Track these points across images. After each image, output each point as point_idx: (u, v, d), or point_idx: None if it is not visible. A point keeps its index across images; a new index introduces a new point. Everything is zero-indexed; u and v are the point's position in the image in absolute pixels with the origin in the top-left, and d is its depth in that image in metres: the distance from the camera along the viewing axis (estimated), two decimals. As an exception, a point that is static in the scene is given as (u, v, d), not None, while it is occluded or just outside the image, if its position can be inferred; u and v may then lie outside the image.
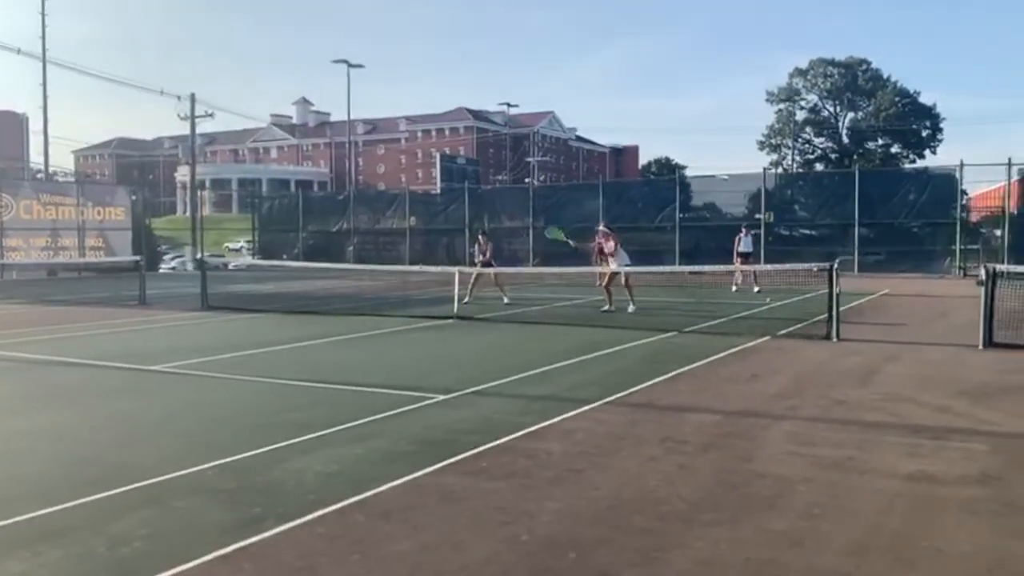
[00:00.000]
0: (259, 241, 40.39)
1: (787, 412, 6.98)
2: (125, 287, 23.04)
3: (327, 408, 7.40)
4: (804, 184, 37.10)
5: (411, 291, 21.63)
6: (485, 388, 8.15)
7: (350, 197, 40.19)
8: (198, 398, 8.10)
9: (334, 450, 5.91)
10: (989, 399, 7.45)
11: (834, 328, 11.34)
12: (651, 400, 7.56)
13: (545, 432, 6.35)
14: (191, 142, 41.91)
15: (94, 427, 6.91)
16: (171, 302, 18.93)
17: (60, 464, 5.71)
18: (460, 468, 5.42)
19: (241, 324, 14.68)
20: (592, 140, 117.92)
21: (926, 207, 27.96)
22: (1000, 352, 10.15)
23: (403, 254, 35.57)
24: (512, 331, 13.50)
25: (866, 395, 7.69)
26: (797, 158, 71.50)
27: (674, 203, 32.23)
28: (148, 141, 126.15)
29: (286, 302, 18.58)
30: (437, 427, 6.58)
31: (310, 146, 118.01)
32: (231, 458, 5.65)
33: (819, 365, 9.44)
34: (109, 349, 11.33)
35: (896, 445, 5.87)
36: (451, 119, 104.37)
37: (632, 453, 5.76)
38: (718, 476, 5.22)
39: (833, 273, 11.48)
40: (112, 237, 33.15)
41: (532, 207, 33.38)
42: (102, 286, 25.24)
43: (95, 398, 8.15)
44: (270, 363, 10.06)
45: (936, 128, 68.11)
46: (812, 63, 71.34)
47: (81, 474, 5.41)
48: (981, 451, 5.71)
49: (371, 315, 15.47)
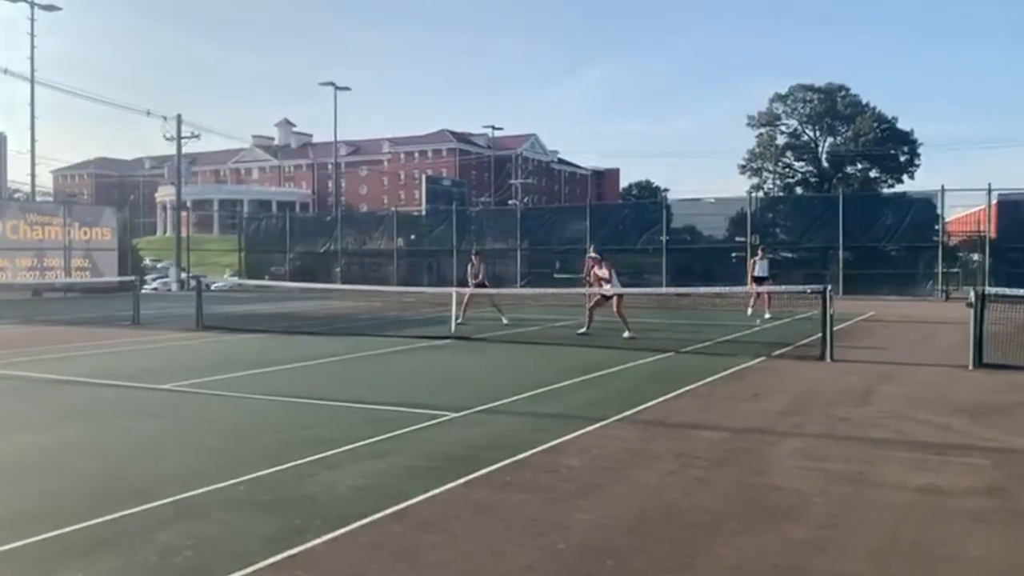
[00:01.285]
0: (245, 262, 40.36)
1: (793, 429, 7.21)
2: (114, 307, 23.08)
3: (342, 425, 7.54)
4: (786, 208, 37.71)
5: (405, 311, 21.78)
6: (495, 406, 8.32)
7: (337, 218, 40.33)
8: (212, 416, 8.21)
9: (359, 465, 6.06)
10: (985, 417, 7.72)
11: (828, 349, 11.62)
12: (661, 418, 7.76)
13: (562, 448, 6.54)
14: (177, 163, 41.93)
15: (115, 443, 7.02)
16: (164, 322, 18.96)
17: (92, 478, 5.83)
18: (486, 482, 5.59)
19: (240, 344, 14.77)
20: (573, 163, 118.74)
21: (907, 231, 28.53)
22: (990, 372, 10.45)
23: (390, 275, 35.70)
24: (510, 351, 13.68)
25: (867, 413, 7.94)
26: (778, 182, 72.35)
27: (657, 225, 32.70)
28: (128, 161, 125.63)
29: (282, 322, 18.68)
30: (455, 443, 6.75)
31: (292, 167, 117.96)
32: (259, 473, 5.78)
33: (817, 384, 9.69)
34: (112, 369, 11.40)
35: (903, 460, 6.11)
36: (434, 141, 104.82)
37: (650, 468, 5.96)
38: (736, 489, 5.42)
39: (827, 295, 11.76)
40: (98, 257, 33.10)
41: (519, 229, 33.67)
42: (90, 306, 25.21)
43: (110, 415, 8.24)
44: (277, 382, 10.19)
45: (914, 153, 69.21)
46: (792, 88, 72.38)
47: (115, 487, 5.53)
48: (984, 465, 5.96)
49: (369, 335, 15.61)
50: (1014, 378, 10.06)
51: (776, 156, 72.16)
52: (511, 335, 15.66)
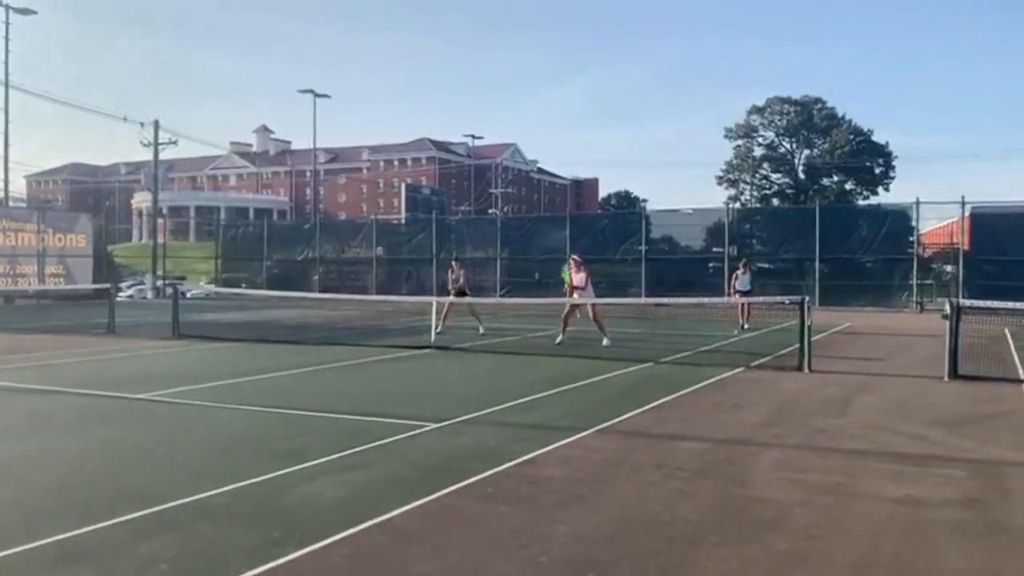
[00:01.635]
0: (222, 270, 40.07)
1: (773, 440, 7.25)
2: (89, 315, 22.79)
3: (322, 436, 7.48)
4: (763, 219, 38.01)
5: (384, 320, 21.70)
6: (475, 417, 8.29)
7: (316, 226, 40.14)
8: (190, 426, 8.13)
9: (340, 476, 6.01)
10: (961, 428, 7.80)
11: (806, 360, 11.70)
12: (641, 428, 7.78)
13: (543, 459, 6.52)
14: (154, 169, 41.59)
15: (92, 453, 6.93)
16: (140, 330, 18.76)
17: (69, 489, 5.74)
18: (467, 493, 5.57)
19: (217, 353, 14.64)
20: (553, 172, 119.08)
21: (883, 243, 28.84)
22: (965, 383, 10.56)
23: (369, 283, 35.59)
24: (490, 361, 13.66)
25: (845, 424, 8.00)
26: (755, 193, 73.05)
27: (636, 235, 32.90)
28: (104, 167, 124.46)
29: (259, 331, 18.54)
30: (436, 454, 6.72)
31: (270, 174, 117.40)
32: (239, 484, 5.72)
33: (796, 395, 9.76)
34: (88, 377, 11.27)
35: (881, 471, 6.16)
36: (414, 149, 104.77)
37: (631, 479, 5.96)
38: (717, 500, 5.44)
39: (805, 306, 11.86)
40: (72, 264, 32.73)
41: (500, 238, 33.69)
42: (64, 314, 24.91)
43: (86, 425, 8.14)
44: (255, 391, 10.10)
45: (888, 166, 70.19)
46: (769, 101, 73.24)
47: (93, 499, 5.45)
48: (961, 476, 6.02)
49: (348, 345, 15.54)
50: (988, 389, 10.18)
51: (753, 168, 72.88)
52: (491, 345, 15.64)
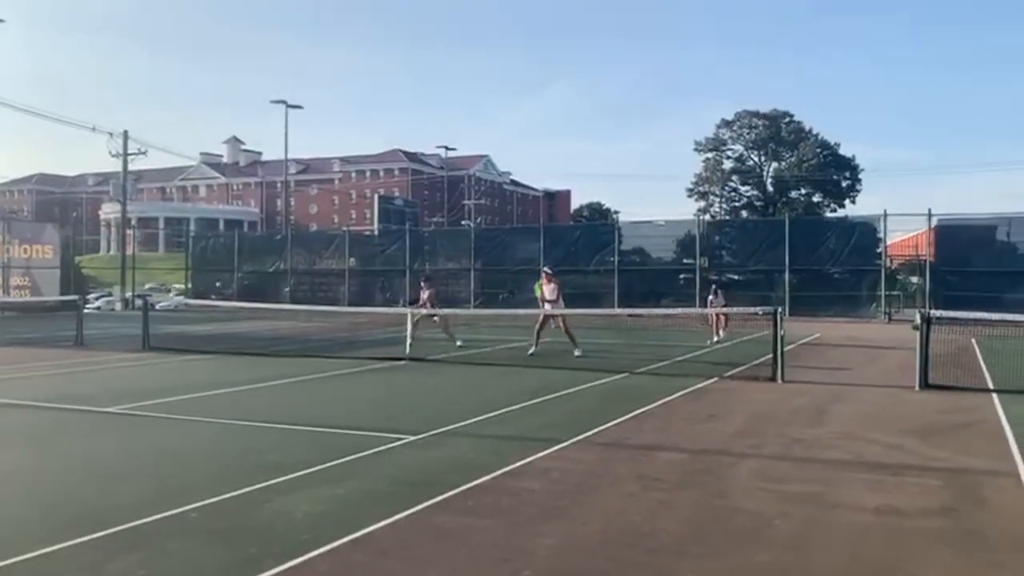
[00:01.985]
0: (192, 281, 39.63)
1: (750, 450, 7.27)
2: (56, 327, 22.40)
3: (298, 449, 7.38)
4: (733, 231, 38.31)
5: (357, 332, 21.55)
6: (452, 429, 8.24)
7: (287, 237, 39.85)
8: (162, 440, 7.99)
9: (316, 491, 5.92)
10: (934, 437, 7.87)
11: (779, 370, 11.78)
12: (619, 439, 7.76)
13: (522, 471, 6.48)
14: (123, 180, 41.08)
15: (61, 470, 6.77)
16: (109, 343, 18.46)
17: (36, 507, 5.60)
18: (447, 507, 5.51)
19: (188, 365, 14.44)
20: (526, 184, 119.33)
21: (851, 254, 29.18)
22: (935, 393, 10.68)
23: (341, 295, 35.37)
24: (466, 373, 13.60)
25: (821, 434, 8.04)
26: (724, 205, 73.69)
27: (608, 247, 33.06)
28: (71, 177, 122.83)
29: (230, 343, 18.32)
30: (414, 468, 6.66)
31: (240, 185, 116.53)
32: (212, 499, 5.62)
33: (770, 405, 9.80)
34: (56, 391, 11.04)
35: (859, 481, 6.19)
36: (385, 160, 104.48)
37: (611, 490, 5.94)
38: (698, 511, 5.43)
39: (777, 317, 11.94)
40: (39, 276, 32.20)
41: (473, 249, 33.65)
42: (30, 326, 24.49)
43: (55, 441, 7.97)
44: (228, 405, 9.97)
45: (855, 179, 71.20)
46: (738, 115, 74.02)
47: (61, 517, 5.32)
48: (937, 486, 6.07)
49: (322, 356, 15.40)
50: (958, 399, 10.29)
51: (723, 180, 73.56)
52: (466, 356, 15.59)
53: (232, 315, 29.52)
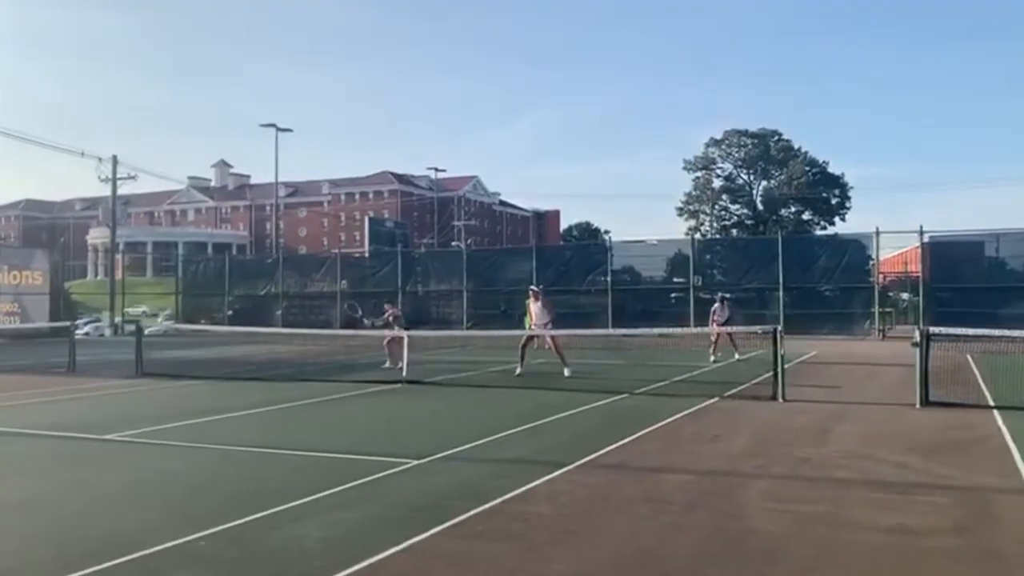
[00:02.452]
0: (182, 305, 39.42)
1: (757, 471, 7.25)
2: (47, 353, 22.26)
3: (301, 475, 7.32)
4: (725, 249, 38.44)
5: (352, 355, 21.46)
6: (455, 453, 8.19)
7: (278, 260, 39.73)
8: (162, 467, 7.90)
9: (324, 517, 5.87)
10: (940, 455, 7.87)
11: (780, 389, 11.77)
12: (624, 462, 7.73)
13: (530, 495, 6.44)
14: (112, 204, 40.94)
15: (63, 499, 6.68)
16: (102, 369, 18.32)
17: (41, 537, 5.52)
18: (458, 532, 5.46)
19: (184, 391, 14.33)
20: (515, 204, 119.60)
21: (843, 272, 29.27)
22: (936, 410, 10.68)
23: (333, 318, 35.19)
24: (463, 395, 13.54)
25: (826, 453, 8.03)
26: (714, 224, 74.05)
27: (600, 267, 33.06)
28: (58, 203, 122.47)
29: (224, 368, 18.20)
30: (421, 492, 6.60)
31: (229, 209, 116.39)
32: (220, 527, 5.56)
33: (773, 425, 9.79)
34: (52, 418, 10.94)
35: (868, 500, 6.17)
36: (375, 183, 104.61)
37: (621, 513, 5.90)
38: (711, 533, 5.40)
39: (777, 336, 11.95)
40: (28, 302, 31.96)
41: (465, 270, 33.62)
42: (20, 353, 24.27)
43: (54, 468, 7.87)
44: (227, 431, 9.89)
45: (844, 196, 71.71)
46: (727, 133, 74.57)
47: (68, 547, 5.25)
48: (947, 504, 6.05)
49: (318, 380, 15.31)
50: (960, 416, 10.30)
51: (713, 199, 73.95)
52: (462, 379, 15.54)
53: (223, 339, 29.37)
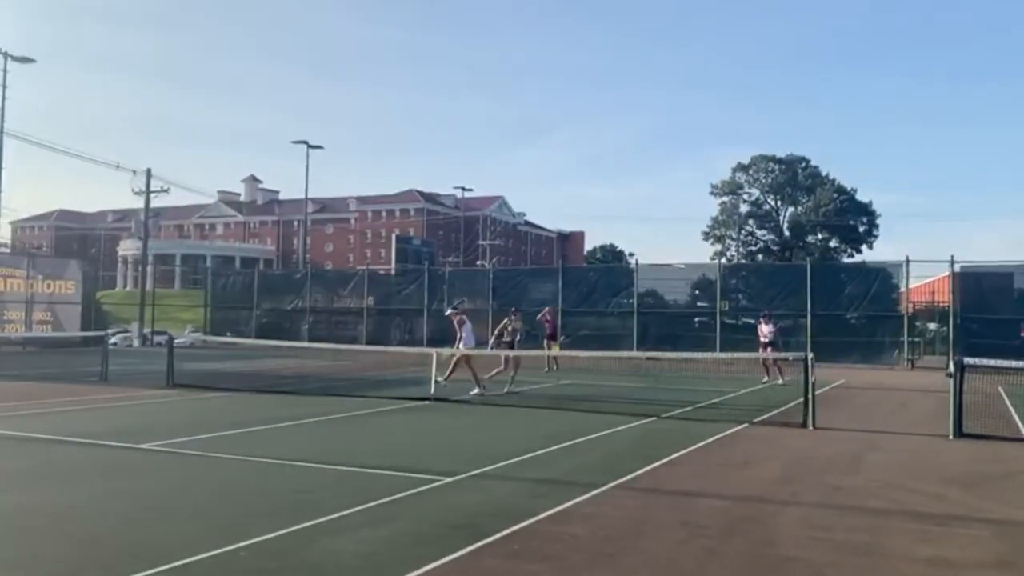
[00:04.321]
0: (211, 318, 39.79)
1: (791, 498, 7.21)
2: (79, 363, 22.54)
3: (334, 489, 7.38)
4: (752, 275, 38.22)
5: (381, 371, 21.57)
6: (487, 471, 8.21)
7: (307, 275, 40.02)
8: (198, 477, 8.00)
9: (359, 532, 5.92)
10: (977, 487, 7.79)
11: (811, 416, 11.70)
12: (656, 485, 7.72)
13: (564, 516, 6.45)
14: (144, 217, 41.52)
15: (102, 506, 6.78)
16: (133, 379, 18.53)
17: (82, 543, 5.61)
18: (494, 551, 5.49)
19: (215, 403, 14.47)
20: (539, 225, 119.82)
21: (872, 300, 29.00)
22: (970, 442, 10.57)
23: (360, 334, 35.39)
24: (492, 414, 13.55)
25: (859, 482, 7.97)
26: (740, 249, 73.68)
27: (626, 289, 33.02)
28: (90, 214, 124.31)
29: (255, 381, 18.35)
30: (455, 510, 6.63)
31: (257, 223, 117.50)
32: (258, 539, 5.62)
33: (805, 452, 9.73)
34: (86, 427, 11.08)
35: (906, 531, 6.12)
36: (402, 201, 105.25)
37: (657, 537, 5.90)
38: (748, 560, 5.38)
39: (809, 363, 11.89)
40: (61, 311, 32.42)
41: (491, 290, 33.69)
42: (52, 361, 24.58)
43: (91, 476, 7.99)
44: (259, 443, 9.98)
45: (872, 224, 71.16)
46: (754, 159, 74.33)
47: (109, 554, 5.34)
48: (986, 537, 5.99)
49: (348, 396, 15.40)
50: (995, 448, 10.19)
51: (739, 224, 73.62)
52: (488, 398, 15.57)
53: (251, 352, 29.61)
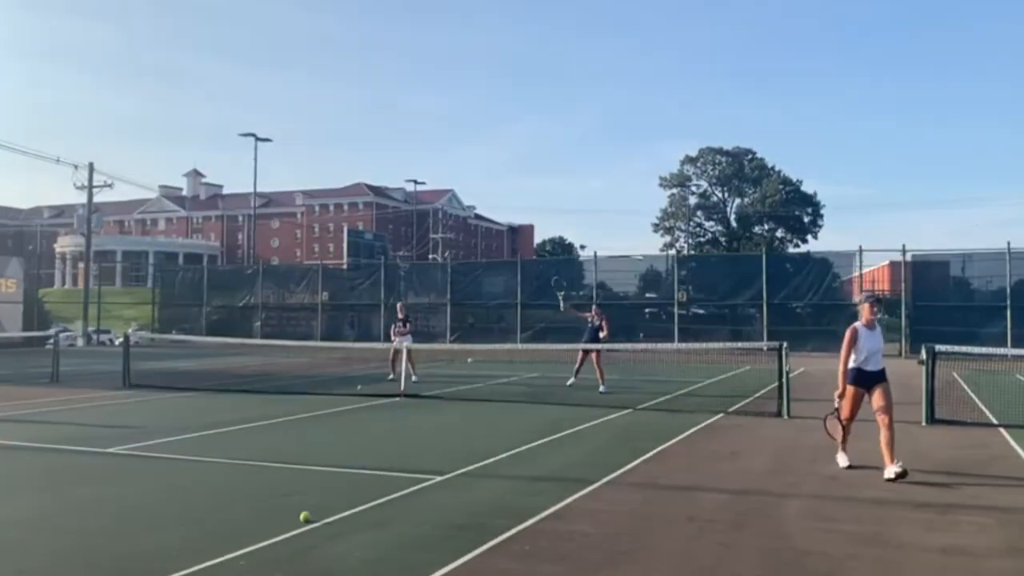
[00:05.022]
0: (158, 316, 38.80)
1: (790, 490, 7.18)
2: (25, 364, 21.78)
3: (324, 492, 7.12)
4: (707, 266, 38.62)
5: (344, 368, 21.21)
6: (476, 468, 8.05)
7: (258, 271, 39.24)
8: (176, 482, 7.67)
9: (361, 535, 5.70)
10: (963, 474, 7.85)
11: (785, 406, 11.77)
12: (651, 479, 7.63)
13: (567, 513, 6.32)
14: (87, 212, 40.25)
15: (80, 515, 6.42)
16: (86, 380, 17.91)
17: (68, 557, 5.30)
18: (505, 552, 5.32)
19: (177, 404, 14.01)
20: (490, 218, 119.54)
21: (826, 290, 29.50)
22: (944, 428, 10.73)
23: (313, 330, 34.87)
24: (466, 410, 13.36)
25: (851, 471, 7.98)
26: (689, 240, 74.47)
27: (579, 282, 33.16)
28: (24, 210, 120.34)
29: (214, 380, 17.86)
30: (454, 510, 6.45)
31: (200, 218, 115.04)
32: (256, 546, 5.37)
33: (788, 442, 9.76)
34: (47, 432, 10.61)
35: (911, 520, 6.12)
36: (349, 194, 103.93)
37: (667, 533, 5.79)
38: (764, 554, 5.30)
39: (783, 353, 11.95)
40: (1, 311, 31.24)
41: (450, 284, 33.43)
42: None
43: (62, 484, 7.58)
44: (232, 444, 9.66)
45: (817, 215, 72.47)
46: (702, 151, 75.11)
47: (98, 567, 5.05)
48: (992, 524, 6.01)
49: (314, 394, 15.05)
50: (968, 435, 10.35)
51: (688, 216, 74.40)
52: (461, 392, 15.38)
53: (204, 351, 28.94)
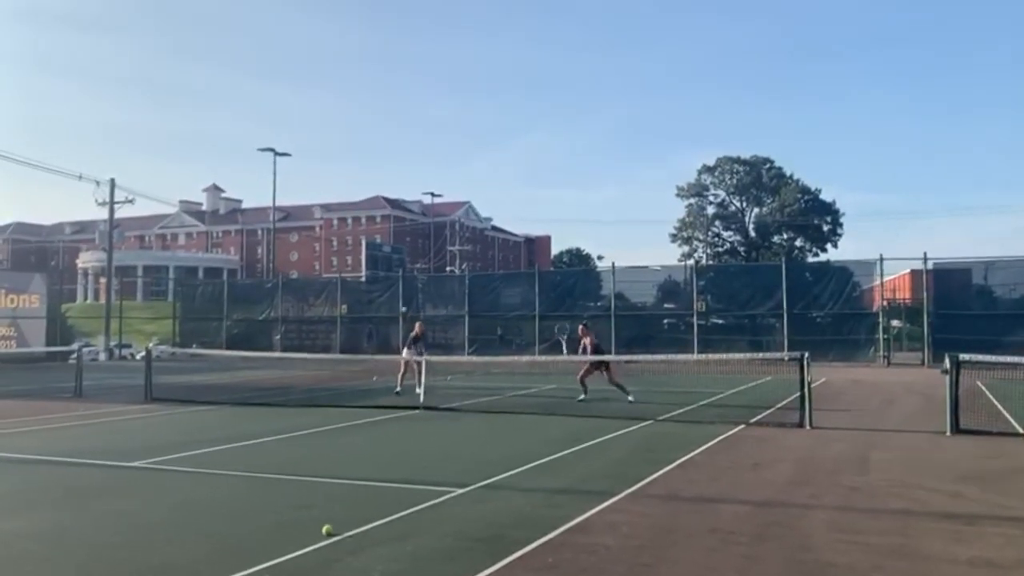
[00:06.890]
0: (179, 330, 39.09)
1: (812, 501, 7.13)
2: (48, 378, 22.00)
3: (344, 504, 7.15)
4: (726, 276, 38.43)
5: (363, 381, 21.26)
6: (497, 481, 8.04)
7: (277, 285, 39.47)
8: (198, 495, 7.71)
9: (383, 549, 5.70)
10: (992, 484, 7.77)
11: (807, 416, 11.69)
12: (673, 491, 7.59)
13: (589, 526, 6.30)
14: (109, 228, 40.66)
15: (103, 528, 6.47)
16: (108, 394, 18.05)
17: (91, 571, 5.34)
18: (528, 565, 5.31)
19: (199, 417, 14.10)
20: (506, 229, 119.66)
21: (847, 299, 29.28)
22: (969, 438, 10.61)
23: (333, 342, 35.01)
24: (485, 422, 13.37)
25: (873, 482, 7.92)
26: (707, 250, 74.17)
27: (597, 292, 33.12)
28: (47, 226, 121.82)
29: (235, 394, 17.96)
30: (475, 522, 6.44)
31: (220, 233, 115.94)
32: (280, 559, 5.39)
33: (810, 452, 9.68)
34: (71, 445, 10.70)
35: (937, 531, 6.05)
36: (367, 207, 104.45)
37: (690, 545, 5.76)
38: (788, 566, 5.26)
39: (805, 363, 11.88)
40: (25, 326, 31.58)
41: (467, 295, 33.48)
42: (19, 377, 23.94)
43: (86, 497, 7.65)
44: (255, 457, 9.70)
45: (836, 223, 71.97)
46: (719, 160, 74.84)
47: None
48: (1019, 535, 5.94)
49: (335, 406, 15.10)
50: (995, 444, 10.23)
51: (706, 225, 74.14)
52: (477, 404, 15.38)
53: (225, 364, 29.10)
